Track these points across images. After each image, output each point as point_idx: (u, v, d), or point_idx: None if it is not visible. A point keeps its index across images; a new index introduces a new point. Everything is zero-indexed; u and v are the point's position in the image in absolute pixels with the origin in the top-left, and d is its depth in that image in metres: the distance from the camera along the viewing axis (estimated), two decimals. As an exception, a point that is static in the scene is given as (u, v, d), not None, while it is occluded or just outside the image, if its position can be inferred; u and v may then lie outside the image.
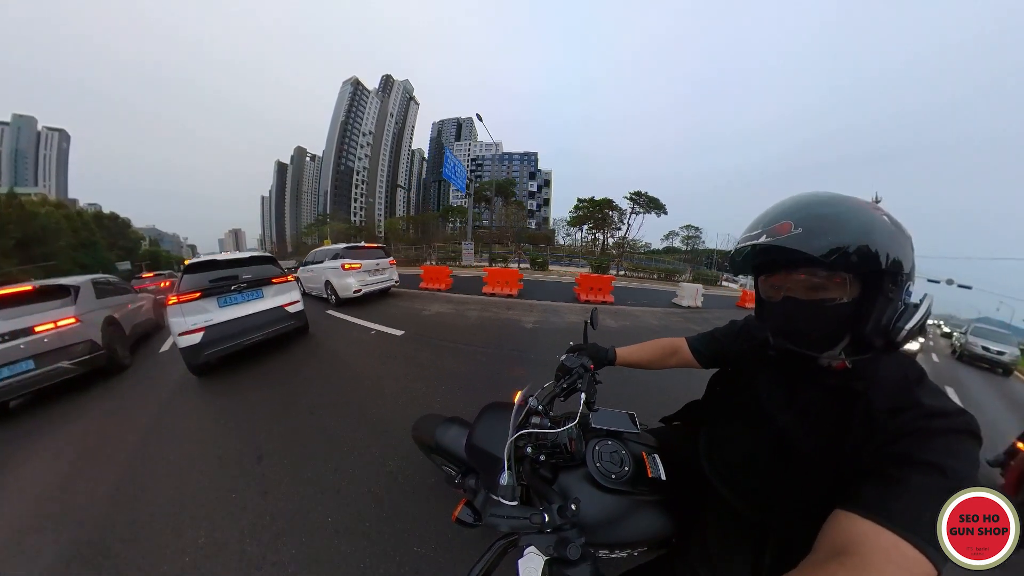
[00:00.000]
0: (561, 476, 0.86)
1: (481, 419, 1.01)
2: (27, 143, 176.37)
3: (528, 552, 0.61)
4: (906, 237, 0.58)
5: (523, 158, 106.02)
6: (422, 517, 1.78)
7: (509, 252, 25.35)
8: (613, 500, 0.83)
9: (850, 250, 0.54)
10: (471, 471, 1.01)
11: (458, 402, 3.12)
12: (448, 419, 1.31)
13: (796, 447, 0.63)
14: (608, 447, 0.92)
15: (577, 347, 1.12)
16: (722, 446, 0.82)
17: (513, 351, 4.76)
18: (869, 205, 0.58)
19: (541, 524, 0.63)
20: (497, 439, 0.83)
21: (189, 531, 1.79)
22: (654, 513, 0.85)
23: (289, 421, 2.84)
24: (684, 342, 1.08)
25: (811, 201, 0.60)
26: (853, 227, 0.55)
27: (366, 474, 2.17)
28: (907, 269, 0.57)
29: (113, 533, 1.82)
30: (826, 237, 0.55)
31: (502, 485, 0.71)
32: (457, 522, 0.75)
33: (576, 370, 1.01)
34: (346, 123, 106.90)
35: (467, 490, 0.96)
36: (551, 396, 0.99)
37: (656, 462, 0.92)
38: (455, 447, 1.17)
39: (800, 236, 0.56)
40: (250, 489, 2.07)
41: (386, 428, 2.65)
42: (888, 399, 0.57)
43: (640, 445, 0.98)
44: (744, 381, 0.85)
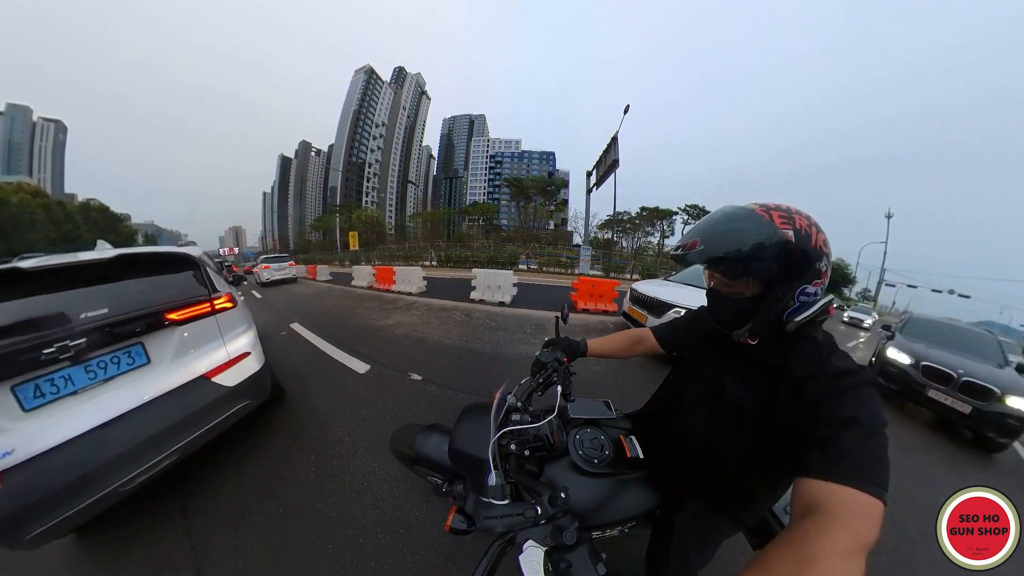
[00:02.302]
0: (547, 468, 0.90)
1: (461, 423, 1.03)
2: (22, 134, 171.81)
3: (527, 547, 0.64)
4: (813, 248, 0.68)
5: (542, 157, 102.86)
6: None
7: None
8: (599, 483, 0.88)
9: (735, 261, 0.68)
10: (458, 477, 1.00)
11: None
12: (427, 427, 1.28)
13: (744, 411, 0.76)
14: (588, 434, 0.96)
15: (550, 342, 1.20)
16: (686, 419, 0.94)
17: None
18: (778, 220, 0.67)
19: (535, 517, 0.65)
20: (480, 441, 0.85)
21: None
22: (638, 489, 0.92)
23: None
24: (649, 332, 1.21)
25: (719, 219, 0.72)
26: (743, 242, 0.67)
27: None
28: (800, 276, 0.69)
29: None
30: (717, 251, 0.69)
31: (491, 486, 0.72)
32: (451, 531, 0.72)
33: (551, 364, 1.07)
34: (359, 112, 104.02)
35: (456, 497, 0.92)
36: (529, 392, 1.02)
37: (633, 442, 0.99)
38: (438, 455, 1.14)
39: (701, 252, 0.70)
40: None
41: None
42: (805, 367, 0.69)
43: (617, 429, 1.05)
44: (699, 362, 0.98)
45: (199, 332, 2.00)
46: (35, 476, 1.37)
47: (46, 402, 1.47)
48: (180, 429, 1.76)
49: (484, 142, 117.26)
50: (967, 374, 3.53)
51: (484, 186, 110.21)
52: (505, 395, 0.94)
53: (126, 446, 1.58)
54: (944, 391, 3.59)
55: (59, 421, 1.48)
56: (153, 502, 1.82)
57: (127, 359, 1.70)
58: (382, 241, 53.34)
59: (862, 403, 0.61)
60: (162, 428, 1.70)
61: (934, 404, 3.64)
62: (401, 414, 2.72)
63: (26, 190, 33.01)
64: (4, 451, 1.34)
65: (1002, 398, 3.29)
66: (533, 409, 0.94)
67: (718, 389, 0.83)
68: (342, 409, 2.80)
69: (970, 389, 3.47)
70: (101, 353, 1.62)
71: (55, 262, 1.64)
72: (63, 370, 1.51)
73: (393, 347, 4.51)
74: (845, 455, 0.56)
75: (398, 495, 1.88)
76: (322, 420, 2.64)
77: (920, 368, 3.85)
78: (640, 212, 46.23)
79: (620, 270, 22.86)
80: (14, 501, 1.31)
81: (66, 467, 1.43)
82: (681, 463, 0.91)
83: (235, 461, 2.16)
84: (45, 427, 1.45)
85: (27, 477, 1.36)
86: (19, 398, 1.41)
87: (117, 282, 1.79)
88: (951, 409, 3.49)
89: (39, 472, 1.39)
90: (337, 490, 1.93)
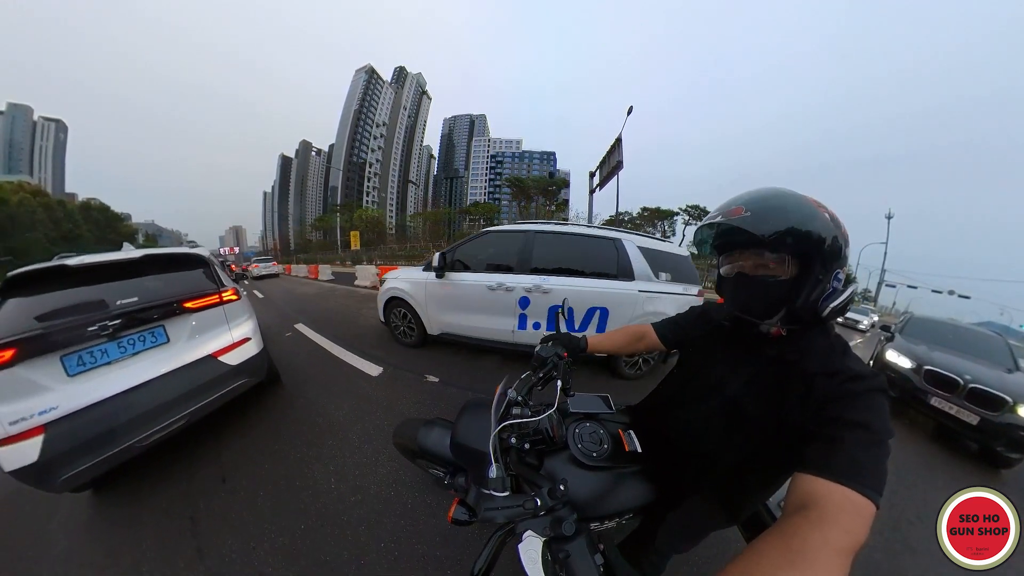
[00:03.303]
0: (546, 461, 0.92)
1: (463, 416, 1.05)
2: (22, 133, 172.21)
3: (527, 536, 0.66)
4: (842, 234, 0.69)
5: (543, 156, 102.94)
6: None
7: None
8: (597, 476, 0.90)
9: (788, 234, 0.66)
10: (459, 470, 1.03)
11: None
12: (429, 421, 1.30)
13: (744, 411, 0.76)
14: (587, 428, 0.99)
15: (550, 337, 1.19)
16: (685, 415, 0.94)
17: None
18: (813, 202, 0.69)
19: (535, 508, 0.66)
20: (481, 434, 0.87)
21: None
22: (635, 482, 0.94)
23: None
24: (651, 328, 1.18)
25: (763, 193, 0.72)
26: (793, 216, 0.67)
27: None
28: (837, 259, 0.69)
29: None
30: (768, 222, 0.67)
31: (491, 478, 0.73)
32: (453, 522, 0.72)
33: (551, 359, 1.07)
34: (359, 112, 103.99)
35: (458, 489, 0.97)
36: (529, 386, 1.02)
37: (632, 437, 1.00)
38: (440, 448, 1.16)
39: (748, 218, 0.68)
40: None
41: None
42: (819, 363, 0.69)
43: (616, 423, 1.06)
44: (701, 359, 0.97)
45: (209, 319, 2.38)
46: (71, 428, 1.71)
47: (85, 370, 1.83)
48: (190, 398, 2.11)
49: (485, 142, 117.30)
50: (974, 380, 3.23)
51: (485, 186, 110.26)
52: (506, 389, 0.94)
53: (145, 408, 1.92)
54: (949, 399, 3.28)
55: (94, 385, 1.84)
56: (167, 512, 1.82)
57: (151, 338, 2.09)
58: (383, 241, 53.41)
59: (874, 409, 0.61)
60: (176, 395, 2.05)
61: (938, 413, 3.33)
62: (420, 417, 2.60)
63: (26, 189, 33.09)
64: (50, 406, 1.68)
65: (1014, 408, 3.00)
66: (533, 403, 0.95)
67: (721, 386, 0.83)
68: (357, 414, 2.68)
69: (978, 397, 3.16)
70: (131, 332, 2.00)
71: (94, 260, 2.02)
72: (101, 345, 1.88)
73: (405, 348, 4.37)
74: (847, 455, 0.56)
75: (430, 502, 1.81)
76: (337, 427, 2.51)
77: (922, 373, 3.54)
78: (641, 212, 46.32)
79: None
80: (53, 447, 1.64)
81: (96, 422, 1.78)
82: (679, 458, 0.92)
83: (247, 475, 2.04)
84: (83, 389, 1.80)
85: (65, 429, 1.69)
86: (65, 365, 1.77)
87: (144, 277, 2.19)
88: (956, 419, 3.20)
89: (75, 425, 1.73)
90: (363, 502, 1.83)
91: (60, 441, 1.66)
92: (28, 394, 1.67)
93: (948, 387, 3.39)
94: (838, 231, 0.68)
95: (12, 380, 1.64)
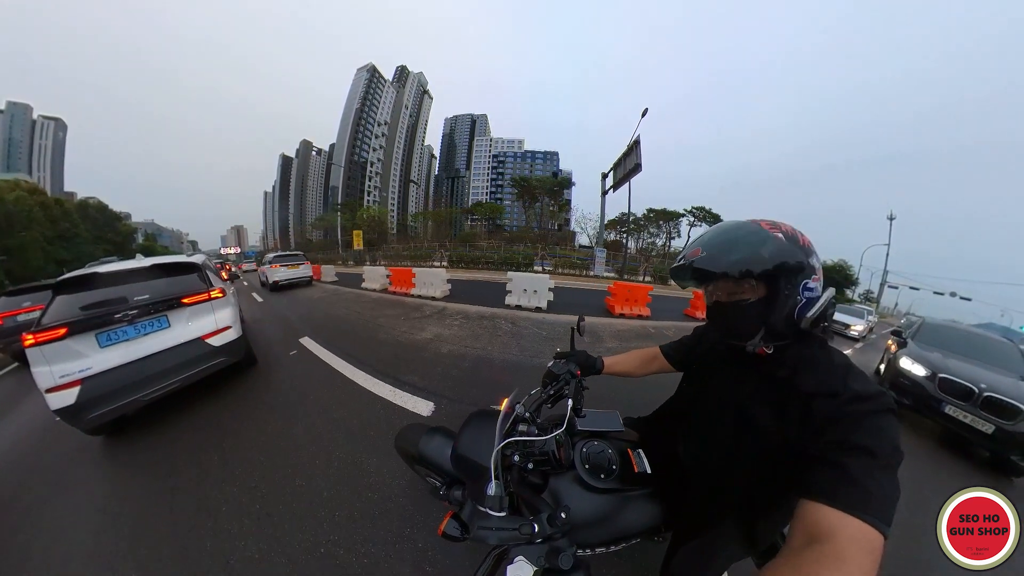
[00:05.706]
0: (551, 481, 0.90)
1: (467, 428, 1.02)
2: (21, 132, 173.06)
3: (517, 561, 0.61)
4: (801, 247, 0.74)
5: (545, 156, 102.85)
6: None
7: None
8: (604, 500, 0.87)
9: (740, 264, 0.72)
10: (457, 482, 1.00)
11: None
12: (432, 428, 1.28)
13: (751, 421, 0.77)
14: (595, 447, 0.96)
15: (564, 354, 1.20)
16: (694, 433, 0.96)
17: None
18: (766, 225, 0.75)
19: (531, 535, 0.63)
20: (483, 448, 0.84)
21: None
22: (643, 505, 0.91)
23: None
24: (659, 350, 1.24)
25: (717, 231, 0.80)
26: (743, 247, 0.73)
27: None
28: (801, 271, 0.73)
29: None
30: (721, 258, 0.74)
31: (489, 495, 0.72)
32: (444, 536, 0.71)
33: (563, 376, 1.07)
34: (361, 111, 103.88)
35: (453, 502, 0.92)
36: (538, 403, 1.02)
37: (641, 456, 0.99)
38: (440, 457, 1.14)
39: (705, 259, 0.76)
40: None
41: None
42: (818, 384, 0.70)
43: (624, 442, 1.05)
44: (707, 376, 0.99)
45: (200, 310, 3.26)
46: (99, 383, 2.55)
47: (111, 343, 2.70)
48: (183, 367, 3.00)
49: (486, 142, 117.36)
50: (990, 388, 3.27)
51: (487, 186, 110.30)
52: (513, 404, 0.93)
53: (151, 373, 2.80)
54: (964, 407, 3.33)
55: (118, 354, 2.70)
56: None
57: (158, 324, 2.98)
58: (385, 241, 53.52)
59: (879, 433, 0.60)
60: (173, 365, 2.93)
61: (952, 422, 3.37)
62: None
63: (23, 187, 33.20)
64: (87, 367, 2.52)
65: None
66: (541, 421, 0.92)
67: (727, 399, 0.85)
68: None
69: (993, 406, 3.21)
70: (144, 319, 2.88)
71: (117, 268, 3.01)
72: (123, 327, 2.76)
73: (448, 371, 3.68)
74: (855, 483, 0.55)
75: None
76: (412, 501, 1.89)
77: (937, 381, 3.59)
78: (647, 213, 46.65)
79: (633, 272, 22.76)
80: (86, 394, 2.47)
81: (116, 380, 2.63)
82: (688, 478, 0.92)
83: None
84: (109, 357, 2.65)
85: (95, 383, 2.54)
86: (98, 340, 2.65)
87: (153, 280, 3.12)
88: (971, 428, 3.24)
89: (102, 380, 2.57)
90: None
91: (91, 391, 2.50)
92: (73, 358, 2.50)
93: (963, 395, 3.41)
94: (794, 246, 0.73)
95: (63, 348, 2.47)
